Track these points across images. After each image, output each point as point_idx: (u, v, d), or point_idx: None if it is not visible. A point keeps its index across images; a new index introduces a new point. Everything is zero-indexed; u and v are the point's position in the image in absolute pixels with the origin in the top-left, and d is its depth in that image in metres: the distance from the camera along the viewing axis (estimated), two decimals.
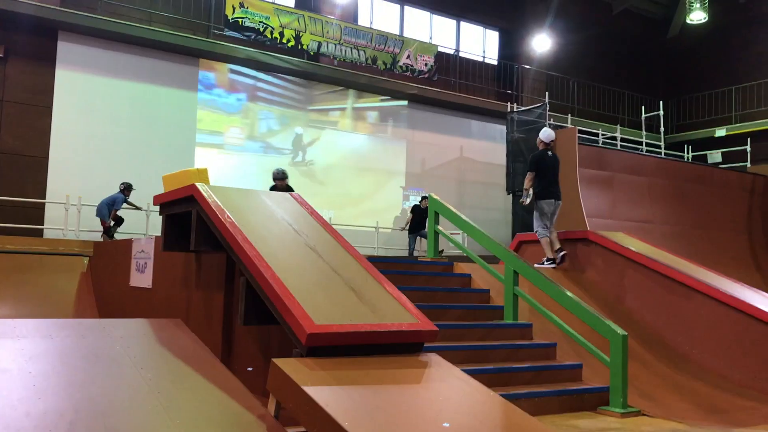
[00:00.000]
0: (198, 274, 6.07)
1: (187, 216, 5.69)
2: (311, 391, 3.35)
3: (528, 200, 8.64)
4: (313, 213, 5.72)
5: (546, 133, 9.01)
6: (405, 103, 17.39)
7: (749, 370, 6.84)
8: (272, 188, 9.94)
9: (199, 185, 5.50)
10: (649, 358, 7.17)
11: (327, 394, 3.38)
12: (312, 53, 15.40)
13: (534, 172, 8.67)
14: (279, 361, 3.66)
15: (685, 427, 5.32)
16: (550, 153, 8.96)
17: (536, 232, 8.72)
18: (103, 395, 3.74)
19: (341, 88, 16.41)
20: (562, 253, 8.56)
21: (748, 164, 17.10)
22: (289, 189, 9.80)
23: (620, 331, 5.54)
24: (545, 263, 8.62)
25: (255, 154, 15.36)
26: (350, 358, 3.92)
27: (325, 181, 16.08)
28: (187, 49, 14.27)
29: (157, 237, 7.16)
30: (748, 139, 17.34)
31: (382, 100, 17.12)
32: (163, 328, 4.92)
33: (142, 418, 3.58)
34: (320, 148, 16.23)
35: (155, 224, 11.43)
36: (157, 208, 6.43)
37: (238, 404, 3.86)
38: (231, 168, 14.85)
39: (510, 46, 19.77)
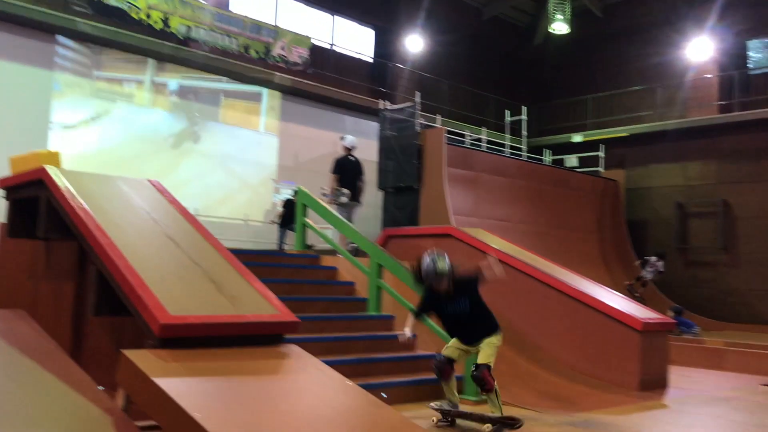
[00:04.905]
0: (47, 263, 5.72)
1: (36, 201, 5.34)
2: (162, 382, 3.24)
3: (336, 199, 9.52)
4: (173, 202, 5.53)
5: (348, 140, 10.14)
6: (278, 94, 17.17)
7: (591, 359, 7.35)
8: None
9: (49, 168, 5.18)
10: (505, 350, 7.50)
11: (179, 386, 3.28)
12: (181, 37, 14.85)
13: (337, 174, 9.64)
14: (129, 353, 3.52)
15: (531, 414, 5.64)
16: (351, 158, 10.00)
17: None
18: None
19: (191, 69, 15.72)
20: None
21: (602, 169, 18.32)
22: None
23: None
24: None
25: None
26: (207, 349, 3.82)
27: (192, 170, 15.57)
28: (43, 24, 13.32)
29: (2, 223, 6.67)
30: (602, 145, 18.57)
31: (254, 90, 16.80)
32: (2, 320, 4.59)
33: None
34: (187, 137, 15.73)
35: (0, 209, 10.61)
36: (3, 192, 6.00)
37: (83, 398, 3.67)
38: (93, 152, 14.04)
39: (385, 45, 20.01)
